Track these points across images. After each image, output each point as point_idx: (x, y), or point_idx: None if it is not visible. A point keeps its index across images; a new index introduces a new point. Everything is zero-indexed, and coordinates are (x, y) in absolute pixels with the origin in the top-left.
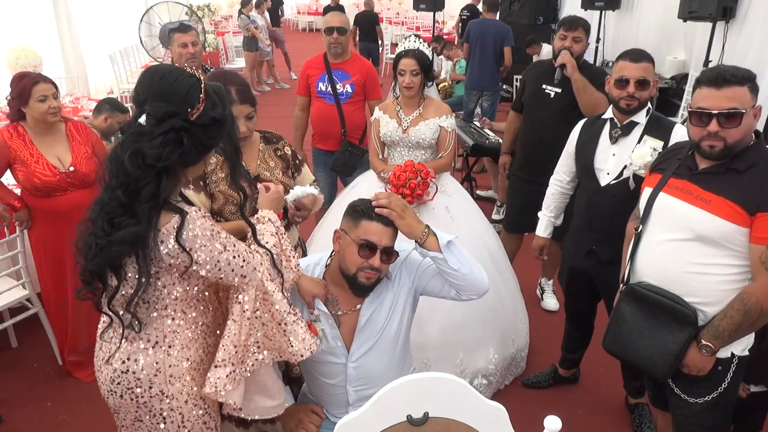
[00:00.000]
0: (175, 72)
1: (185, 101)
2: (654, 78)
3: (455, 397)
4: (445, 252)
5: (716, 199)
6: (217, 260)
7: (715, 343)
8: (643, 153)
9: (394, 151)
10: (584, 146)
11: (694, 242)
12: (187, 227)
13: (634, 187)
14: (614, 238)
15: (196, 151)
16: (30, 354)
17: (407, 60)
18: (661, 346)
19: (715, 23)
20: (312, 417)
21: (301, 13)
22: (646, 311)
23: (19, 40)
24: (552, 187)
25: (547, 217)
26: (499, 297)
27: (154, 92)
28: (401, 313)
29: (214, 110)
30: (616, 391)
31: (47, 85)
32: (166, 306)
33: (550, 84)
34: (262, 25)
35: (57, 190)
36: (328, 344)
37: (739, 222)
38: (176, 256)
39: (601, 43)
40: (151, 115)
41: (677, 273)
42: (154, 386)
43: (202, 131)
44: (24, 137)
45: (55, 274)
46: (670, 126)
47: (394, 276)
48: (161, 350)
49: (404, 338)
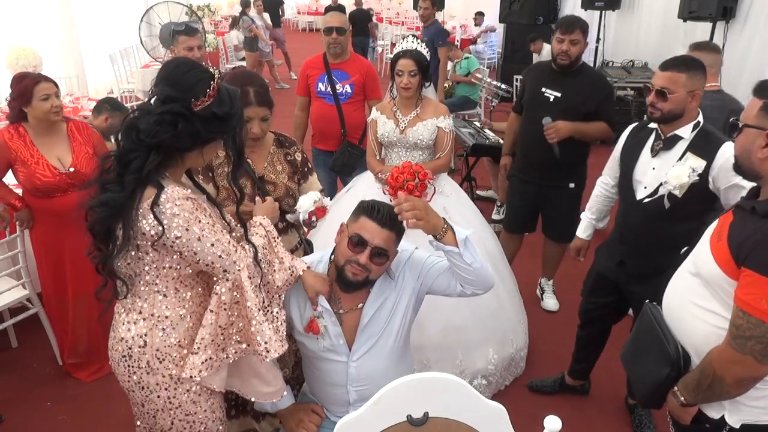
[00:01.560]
0: (190, 64)
1: (191, 91)
2: (685, 89)
3: (455, 397)
4: (462, 247)
5: (724, 239)
6: (192, 243)
7: (683, 393)
8: (680, 173)
9: (392, 152)
10: (627, 152)
11: (696, 279)
12: (164, 202)
13: (669, 206)
14: (644, 253)
15: (190, 139)
16: (30, 354)
17: (405, 60)
18: (645, 372)
19: (715, 23)
20: (312, 416)
21: (301, 13)
22: (646, 334)
23: (19, 40)
24: (597, 188)
25: (589, 218)
26: (498, 297)
27: (165, 76)
28: (403, 313)
29: (220, 107)
30: (617, 391)
31: (49, 84)
32: (156, 281)
33: (549, 87)
34: (261, 26)
35: (57, 190)
36: (330, 342)
37: (727, 271)
38: (152, 228)
39: (601, 43)
40: (157, 96)
41: (678, 308)
42: (143, 358)
43: (201, 123)
44: (25, 138)
45: (56, 274)
46: (717, 144)
47: (397, 276)
48: (150, 323)
49: (405, 338)
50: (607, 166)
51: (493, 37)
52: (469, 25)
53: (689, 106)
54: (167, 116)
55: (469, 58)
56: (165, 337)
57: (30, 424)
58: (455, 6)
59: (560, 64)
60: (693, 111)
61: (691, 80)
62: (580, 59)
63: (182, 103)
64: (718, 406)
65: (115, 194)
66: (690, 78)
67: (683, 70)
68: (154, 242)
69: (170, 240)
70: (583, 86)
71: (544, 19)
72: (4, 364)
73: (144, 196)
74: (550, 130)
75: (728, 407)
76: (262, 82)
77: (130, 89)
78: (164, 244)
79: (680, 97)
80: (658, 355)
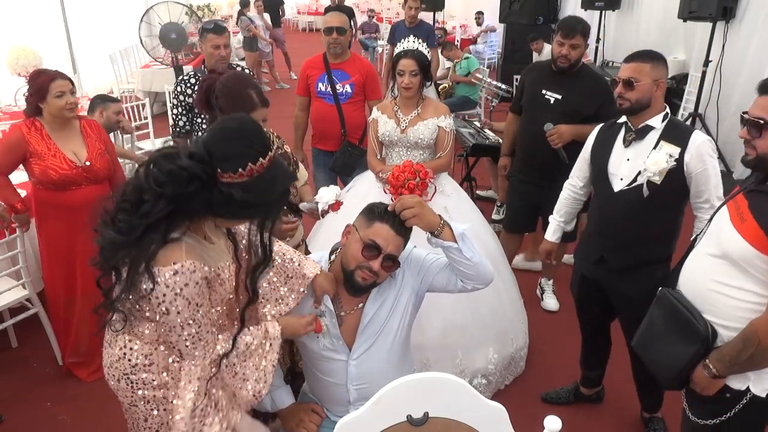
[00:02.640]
0: (250, 132)
1: (224, 160)
2: (650, 78)
3: (455, 397)
4: (460, 241)
5: (750, 220)
6: (173, 321)
7: (717, 366)
8: (658, 159)
9: (392, 151)
10: (599, 150)
11: (721, 260)
12: (173, 276)
13: (648, 194)
14: (625, 245)
15: (201, 205)
16: (30, 354)
17: (406, 60)
18: (672, 354)
19: (715, 23)
20: (312, 416)
21: (301, 13)
22: (669, 318)
23: (19, 40)
24: (565, 191)
25: (557, 221)
26: (498, 297)
27: (216, 130)
28: (402, 312)
29: (243, 192)
30: (618, 392)
31: (64, 82)
32: (145, 319)
33: (549, 89)
34: (260, 26)
35: (73, 183)
36: (330, 341)
37: (761, 248)
38: (146, 286)
39: (601, 43)
40: (193, 146)
41: (703, 289)
42: (147, 374)
43: (218, 196)
44: (41, 131)
45: (65, 269)
46: (688, 132)
47: (397, 274)
48: (155, 344)
49: (404, 336)
50: (574, 168)
51: (493, 37)
52: (470, 25)
53: (655, 95)
54: (184, 173)
55: (469, 58)
56: (169, 354)
57: (30, 424)
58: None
59: (560, 67)
60: (659, 100)
61: (655, 69)
62: (580, 61)
63: (208, 167)
64: (743, 377)
65: (123, 237)
66: (654, 68)
67: (647, 60)
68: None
69: (155, 307)
70: (583, 88)
71: (544, 19)
72: (4, 364)
73: (159, 257)
74: (553, 135)
75: (753, 378)
76: (256, 82)
77: (130, 89)
78: (149, 301)
79: (646, 86)
80: (684, 335)
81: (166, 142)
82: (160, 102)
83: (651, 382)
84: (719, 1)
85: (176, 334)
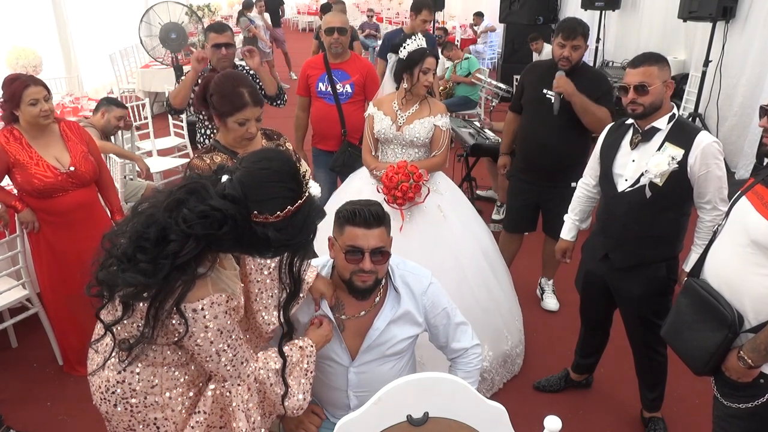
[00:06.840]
0: (288, 174)
1: (260, 203)
2: (660, 80)
3: (455, 397)
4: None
5: None
6: (209, 351)
7: (752, 356)
8: (660, 161)
9: (387, 149)
10: (606, 150)
11: (749, 247)
12: (202, 310)
13: (650, 195)
14: (628, 245)
15: (232, 243)
16: (30, 354)
17: (432, 59)
18: (701, 341)
19: (715, 23)
20: (312, 417)
21: (301, 13)
22: (697, 306)
23: (19, 40)
24: (578, 190)
25: (572, 219)
26: (492, 295)
27: (252, 171)
28: (412, 338)
29: (278, 233)
30: (618, 392)
31: (38, 88)
32: (163, 345)
33: (549, 88)
34: (260, 26)
35: (59, 190)
36: (331, 346)
37: None
38: (179, 326)
39: (602, 43)
40: (227, 186)
41: (730, 276)
42: (150, 397)
43: (249, 234)
44: (21, 140)
45: (57, 273)
46: (693, 133)
47: (417, 295)
48: (158, 365)
49: (411, 354)
50: (587, 167)
51: (493, 37)
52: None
53: (666, 95)
54: (217, 214)
55: (470, 58)
56: (174, 374)
57: (30, 424)
58: (455, 6)
59: (562, 68)
60: (668, 101)
61: (662, 71)
62: (580, 62)
63: (243, 209)
64: None
65: (146, 279)
66: (661, 69)
67: (654, 63)
68: (173, 340)
69: (186, 340)
70: (582, 86)
71: (544, 19)
72: (4, 364)
73: (186, 294)
74: (560, 80)
75: None
76: (251, 82)
77: (130, 89)
78: (182, 345)
79: (658, 88)
80: (712, 322)
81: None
82: (160, 102)
83: (654, 377)
84: (719, 1)
85: (214, 362)
